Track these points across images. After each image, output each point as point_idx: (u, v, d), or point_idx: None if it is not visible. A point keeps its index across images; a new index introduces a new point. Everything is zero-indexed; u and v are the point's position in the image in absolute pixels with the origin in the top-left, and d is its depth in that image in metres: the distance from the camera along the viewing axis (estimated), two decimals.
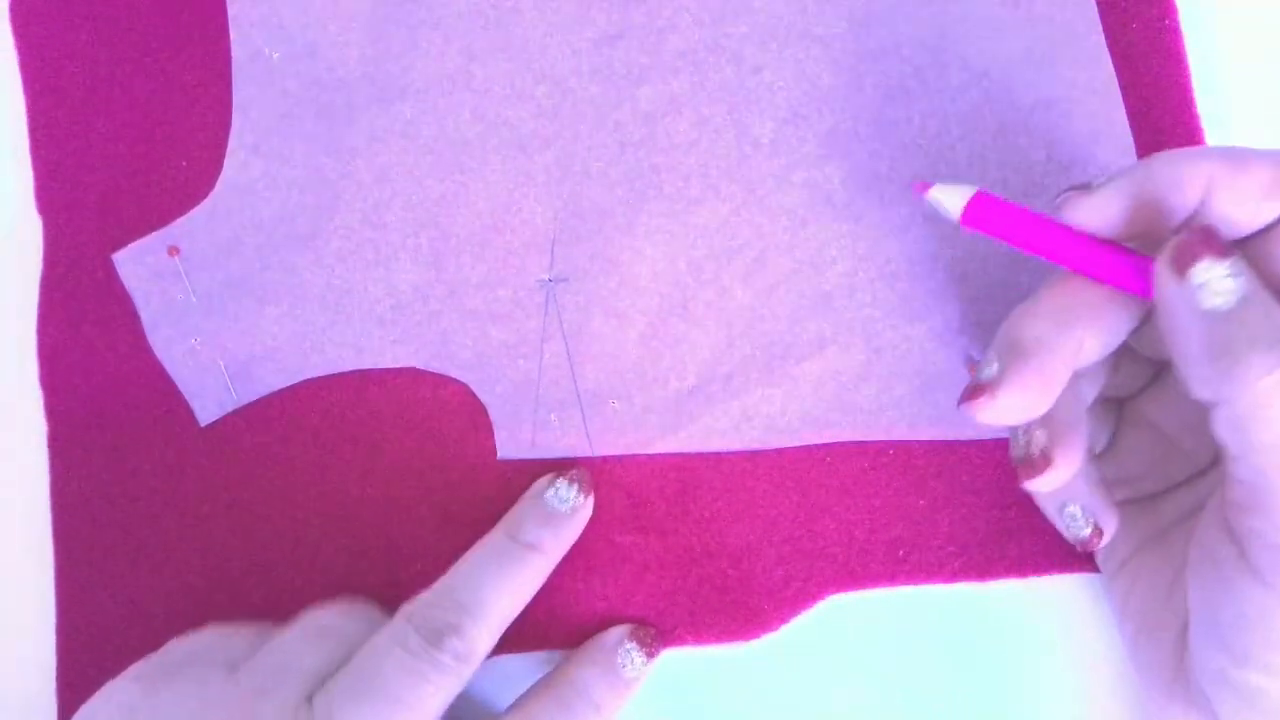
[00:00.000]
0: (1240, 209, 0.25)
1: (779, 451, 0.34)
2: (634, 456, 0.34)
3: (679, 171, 0.35)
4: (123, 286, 0.35)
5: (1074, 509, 0.29)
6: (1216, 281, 0.23)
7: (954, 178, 0.35)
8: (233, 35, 0.36)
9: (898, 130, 0.35)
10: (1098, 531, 0.29)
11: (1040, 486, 0.27)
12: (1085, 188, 0.27)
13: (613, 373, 0.35)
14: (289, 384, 0.35)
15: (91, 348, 0.35)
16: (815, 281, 0.35)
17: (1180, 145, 0.35)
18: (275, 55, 0.36)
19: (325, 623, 0.31)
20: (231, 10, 0.36)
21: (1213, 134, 0.35)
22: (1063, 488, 0.28)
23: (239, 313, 0.35)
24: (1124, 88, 0.35)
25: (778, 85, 0.35)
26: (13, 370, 0.35)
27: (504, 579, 0.31)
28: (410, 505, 0.34)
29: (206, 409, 0.35)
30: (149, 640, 0.32)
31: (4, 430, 0.35)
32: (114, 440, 0.34)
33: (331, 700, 0.28)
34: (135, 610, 0.34)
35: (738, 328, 0.35)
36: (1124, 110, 0.35)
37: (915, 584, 0.34)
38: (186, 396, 0.34)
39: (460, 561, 0.32)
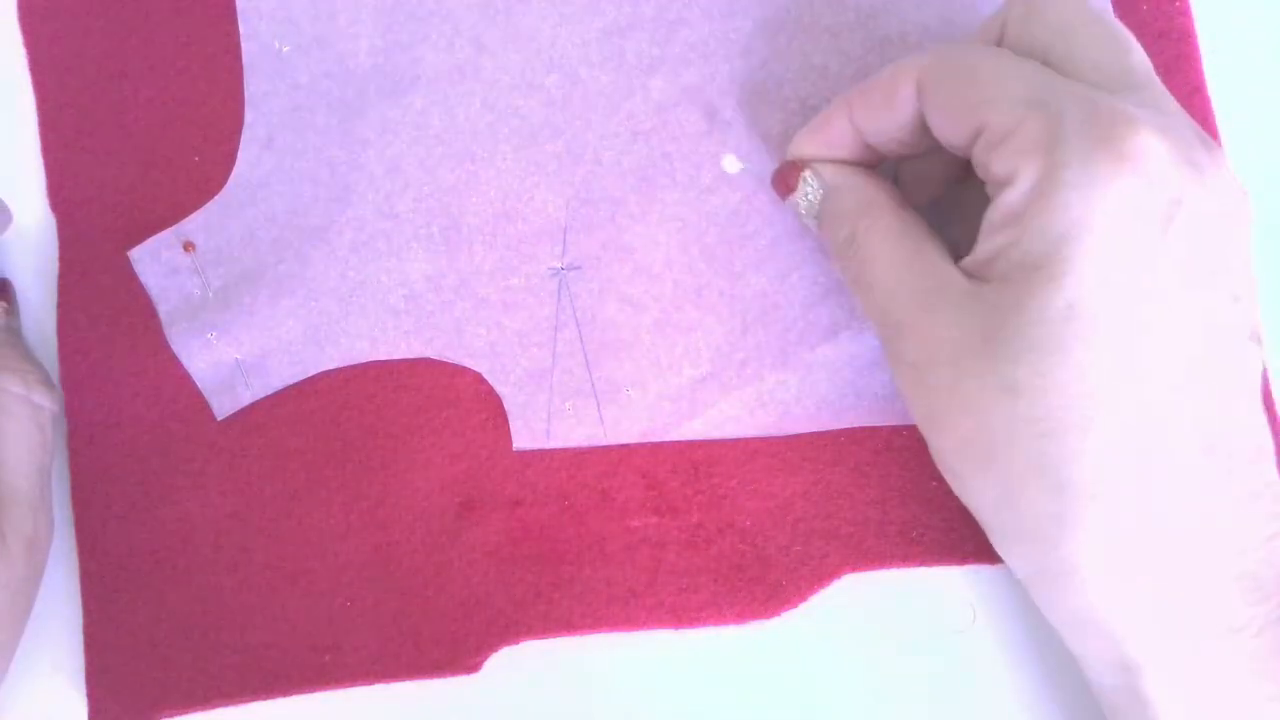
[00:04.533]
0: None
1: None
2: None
3: (691, 160, 0.35)
4: (140, 282, 0.35)
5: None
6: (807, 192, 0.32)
7: None
8: (242, 29, 0.36)
9: None
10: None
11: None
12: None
13: (627, 360, 0.35)
14: (304, 377, 0.35)
15: (111, 346, 0.35)
16: (828, 267, 0.35)
17: None
18: (285, 48, 0.36)
19: None
20: (240, 4, 0.36)
21: (1223, 116, 0.36)
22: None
23: (254, 306, 0.35)
24: None
25: (786, 77, 0.35)
26: None
27: None
28: (427, 496, 0.34)
29: (223, 403, 0.35)
30: (177, 632, 0.33)
31: None
32: (134, 438, 0.34)
33: None
34: (161, 604, 0.34)
35: (751, 314, 0.35)
36: None
37: (929, 565, 0.34)
38: (203, 391, 0.35)
39: None
